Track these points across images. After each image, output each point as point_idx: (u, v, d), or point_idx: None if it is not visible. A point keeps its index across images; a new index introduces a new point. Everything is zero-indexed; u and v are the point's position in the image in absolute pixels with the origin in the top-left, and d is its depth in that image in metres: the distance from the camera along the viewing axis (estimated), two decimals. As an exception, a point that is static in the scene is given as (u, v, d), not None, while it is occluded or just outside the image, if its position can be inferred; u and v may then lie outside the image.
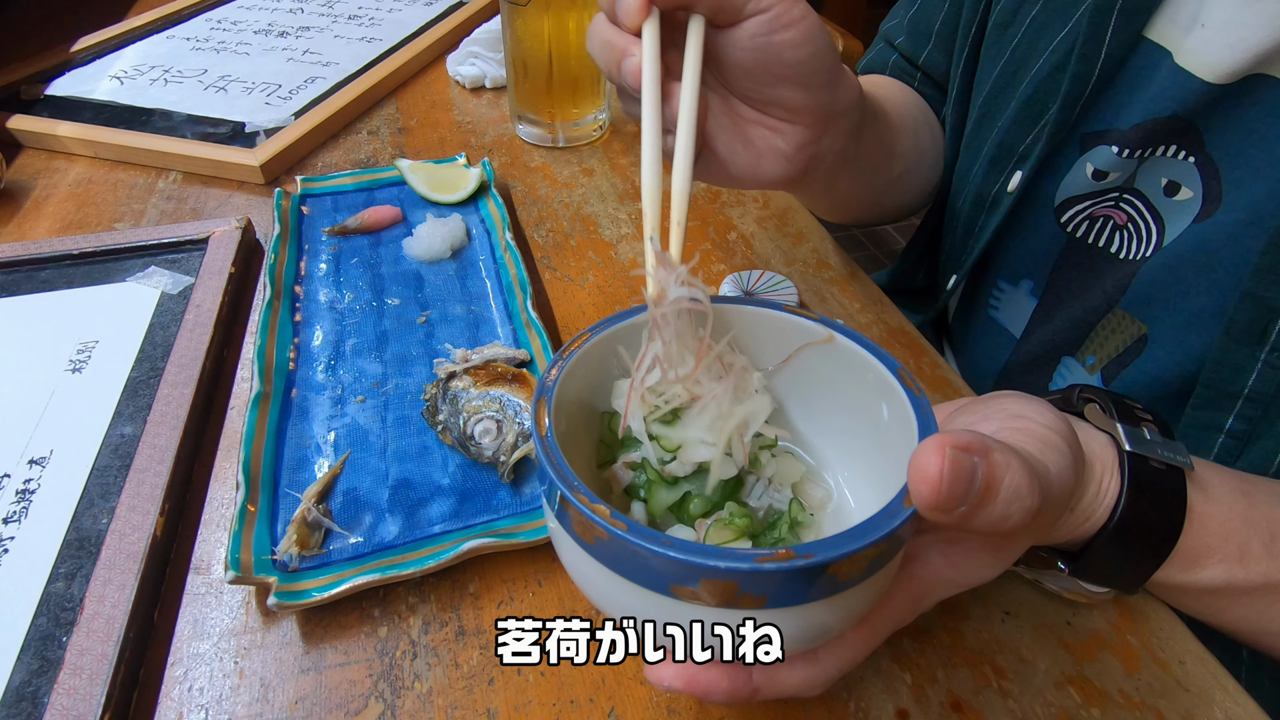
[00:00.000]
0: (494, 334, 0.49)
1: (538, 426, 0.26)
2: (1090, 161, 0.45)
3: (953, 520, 0.22)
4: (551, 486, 0.25)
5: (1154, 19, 0.42)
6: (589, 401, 0.32)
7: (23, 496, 0.38)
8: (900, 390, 0.27)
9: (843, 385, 0.31)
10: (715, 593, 0.22)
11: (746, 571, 0.21)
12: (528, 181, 0.67)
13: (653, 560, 0.22)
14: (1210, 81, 0.39)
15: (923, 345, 0.52)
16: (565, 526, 0.25)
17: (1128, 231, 0.45)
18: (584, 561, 0.25)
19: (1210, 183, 0.40)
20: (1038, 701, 0.32)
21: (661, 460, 0.28)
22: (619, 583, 0.24)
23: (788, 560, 0.21)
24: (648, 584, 0.23)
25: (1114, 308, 0.45)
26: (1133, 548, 0.31)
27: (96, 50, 0.83)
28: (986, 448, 0.23)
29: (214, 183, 0.65)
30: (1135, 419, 0.32)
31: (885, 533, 0.22)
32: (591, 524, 0.23)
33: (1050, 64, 0.46)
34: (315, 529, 0.37)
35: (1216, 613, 0.33)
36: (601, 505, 0.23)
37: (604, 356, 0.31)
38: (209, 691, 0.32)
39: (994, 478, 0.23)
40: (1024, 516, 0.23)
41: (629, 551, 0.23)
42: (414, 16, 0.93)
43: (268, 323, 0.48)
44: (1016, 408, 0.29)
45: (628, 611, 0.25)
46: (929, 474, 0.22)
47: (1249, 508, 0.32)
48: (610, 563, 0.24)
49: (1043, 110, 0.47)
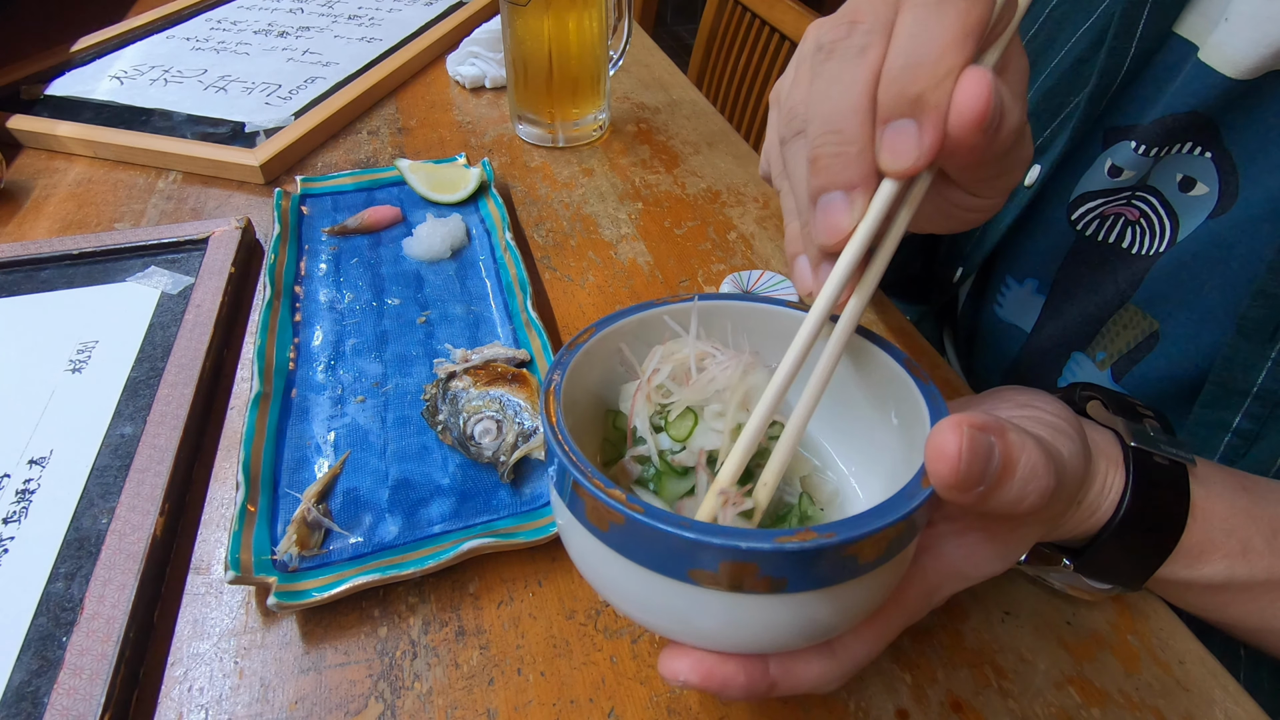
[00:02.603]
0: (494, 334, 0.49)
1: (547, 415, 0.26)
2: (1110, 158, 0.45)
3: (970, 500, 0.22)
4: (563, 474, 0.24)
5: (1184, 13, 0.41)
6: (594, 399, 0.31)
7: (23, 496, 0.38)
8: (909, 380, 0.27)
9: (848, 378, 0.31)
10: (735, 575, 0.22)
11: (768, 552, 0.21)
12: (528, 181, 0.67)
13: (671, 542, 0.22)
14: (1232, 77, 0.38)
15: (923, 344, 0.52)
16: (577, 515, 0.24)
17: (1140, 227, 0.45)
18: (596, 550, 0.24)
19: (1227, 178, 0.40)
20: (1038, 701, 0.32)
21: (671, 450, 0.28)
22: (633, 571, 0.23)
23: (810, 540, 0.21)
24: (664, 569, 0.22)
25: (1126, 303, 0.45)
26: (1137, 543, 0.31)
27: (96, 50, 0.83)
28: (1002, 427, 0.23)
29: (214, 183, 0.65)
30: (1137, 415, 0.32)
31: (906, 512, 0.22)
32: (606, 509, 0.22)
33: (1073, 56, 0.46)
34: (315, 529, 0.37)
35: (1218, 609, 0.33)
36: (617, 489, 0.23)
37: (608, 353, 0.30)
38: (209, 691, 0.32)
39: (1011, 457, 0.22)
40: (1040, 497, 0.23)
41: (646, 535, 0.22)
42: (414, 16, 0.93)
43: (268, 323, 0.48)
44: (1023, 398, 0.29)
45: (642, 601, 0.24)
46: (947, 452, 0.21)
47: (1251, 503, 0.32)
48: (624, 549, 0.23)
49: (1063, 103, 0.47)
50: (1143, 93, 0.44)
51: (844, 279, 0.25)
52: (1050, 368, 0.51)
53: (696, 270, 0.57)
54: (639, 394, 0.29)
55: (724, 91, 1.22)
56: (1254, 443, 0.38)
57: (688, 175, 0.68)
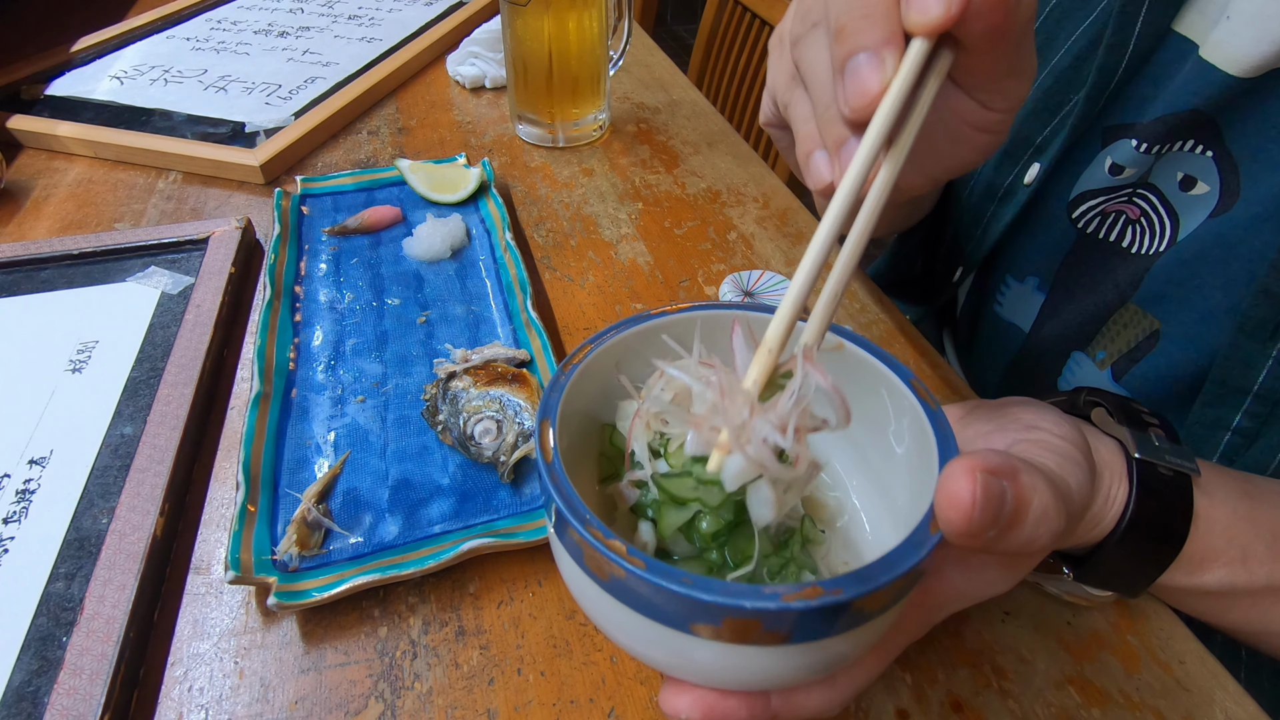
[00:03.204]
0: (494, 334, 0.49)
1: (543, 451, 0.25)
2: (1110, 156, 0.45)
3: (979, 545, 0.22)
4: (560, 519, 0.23)
5: (1183, 11, 0.41)
6: (592, 414, 0.31)
7: (23, 496, 0.38)
8: (916, 403, 0.27)
9: (851, 395, 0.30)
10: (739, 630, 0.21)
11: (774, 612, 0.20)
12: (528, 181, 0.67)
13: (673, 600, 0.21)
14: (1234, 75, 0.38)
15: (923, 345, 0.52)
16: (575, 558, 0.24)
17: (1140, 226, 0.45)
18: (595, 595, 0.24)
19: (1228, 177, 0.40)
20: (1038, 702, 0.32)
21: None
22: (634, 618, 0.23)
23: (816, 598, 0.20)
24: (666, 621, 0.22)
25: (1126, 303, 0.45)
26: (1139, 553, 0.31)
27: (96, 50, 0.83)
28: (1014, 469, 0.22)
29: (214, 183, 0.65)
30: (1143, 424, 0.32)
31: (915, 563, 0.21)
32: (607, 561, 0.22)
33: (1072, 55, 0.46)
34: (315, 529, 0.37)
35: (1218, 614, 0.33)
36: (617, 541, 0.22)
37: (605, 369, 0.29)
38: (209, 691, 0.32)
39: (1022, 500, 0.22)
40: (1050, 540, 0.23)
41: (648, 589, 0.22)
42: (414, 16, 0.93)
43: (268, 323, 0.48)
44: (1030, 417, 0.28)
45: (642, 645, 0.24)
46: (960, 500, 0.21)
47: (1253, 509, 0.32)
48: (625, 598, 0.23)
49: (1062, 101, 0.47)
50: (1142, 91, 0.43)
51: (874, 150, 0.23)
52: (1050, 367, 0.51)
53: (696, 270, 0.57)
54: (637, 418, 0.28)
55: (724, 91, 1.22)
56: (1253, 441, 0.38)
57: (688, 175, 0.68)
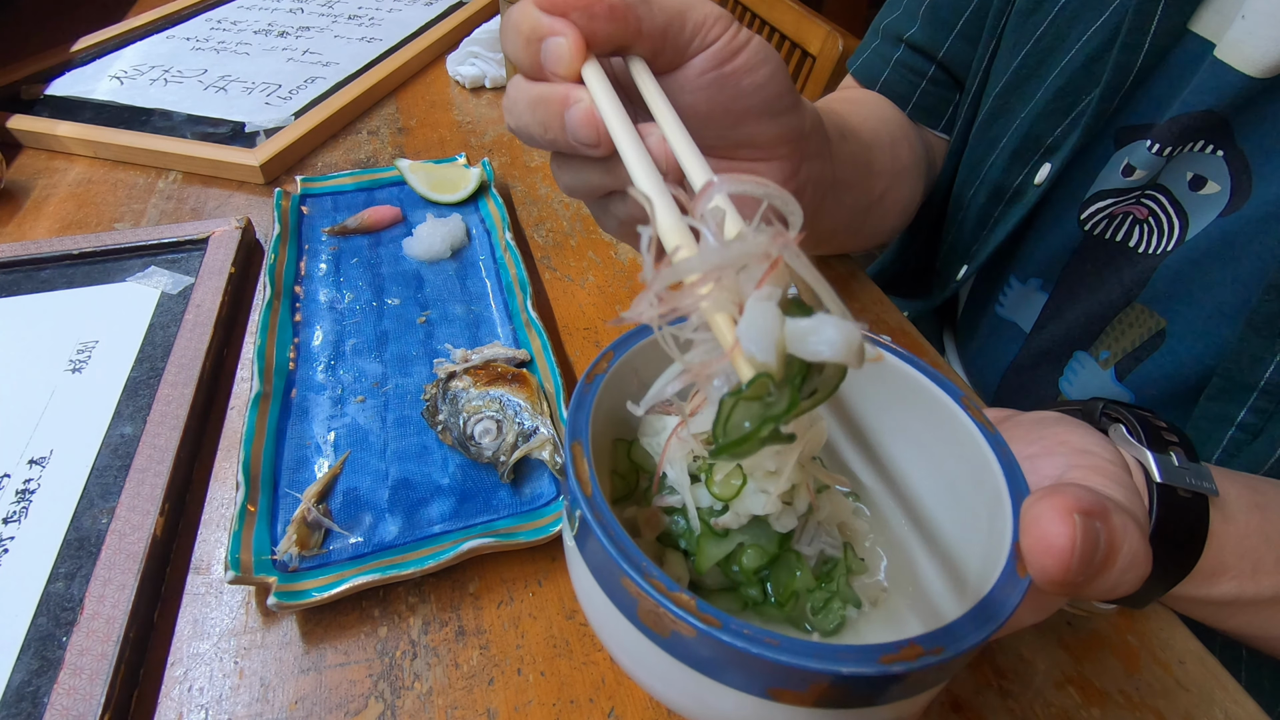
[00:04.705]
0: (494, 334, 0.49)
1: (580, 482, 0.22)
2: (1127, 157, 0.45)
3: (1066, 592, 0.20)
4: (607, 566, 0.20)
5: (1199, 10, 0.41)
6: (608, 429, 0.28)
7: (23, 496, 0.38)
8: (971, 424, 0.25)
9: (889, 410, 0.28)
10: (826, 695, 0.19)
11: (873, 676, 0.18)
12: (528, 181, 0.67)
13: (754, 663, 0.18)
14: (1249, 75, 0.38)
15: (923, 344, 0.52)
16: (627, 614, 0.21)
17: (1148, 226, 0.44)
18: (647, 652, 0.21)
19: (1239, 177, 0.40)
20: (1038, 701, 0.32)
21: (712, 511, 0.25)
22: (693, 677, 0.20)
23: (917, 659, 0.18)
24: (737, 685, 0.19)
25: (1132, 302, 0.45)
26: (1152, 573, 0.30)
27: (96, 50, 0.83)
28: (1106, 510, 0.20)
29: (214, 183, 0.65)
30: (1163, 444, 0.31)
31: (1007, 616, 0.20)
32: (670, 617, 0.19)
33: (1085, 54, 0.45)
34: (315, 529, 0.37)
35: (1221, 620, 0.33)
36: (684, 594, 0.19)
37: (623, 380, 0.27)
38: (209, 691, 0.32)
39: (1115, 544, 0.20)
40: (1135, 585, 0.21)
41: (721, 651, 0.19)
42: (414, 16, 0.93)
43: (268, 323, 0.48)
44: (1077, 440, 0.27)
45: (699, 707, 0.21)
46: (1057, 547, 0.19)
47: (1263, 521, 0.32)
48: (689, 659, 0.20)
49: (1075, 101, 0.46)
50: (1156, 91, 0.43)
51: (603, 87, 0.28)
52: (1052, 367, 0.51)
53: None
54: (673, 437, 0.25)
55: (724, 91, 1.22)
56: (1256, 436, 0.38)
57: (688, 175, 0.68)
